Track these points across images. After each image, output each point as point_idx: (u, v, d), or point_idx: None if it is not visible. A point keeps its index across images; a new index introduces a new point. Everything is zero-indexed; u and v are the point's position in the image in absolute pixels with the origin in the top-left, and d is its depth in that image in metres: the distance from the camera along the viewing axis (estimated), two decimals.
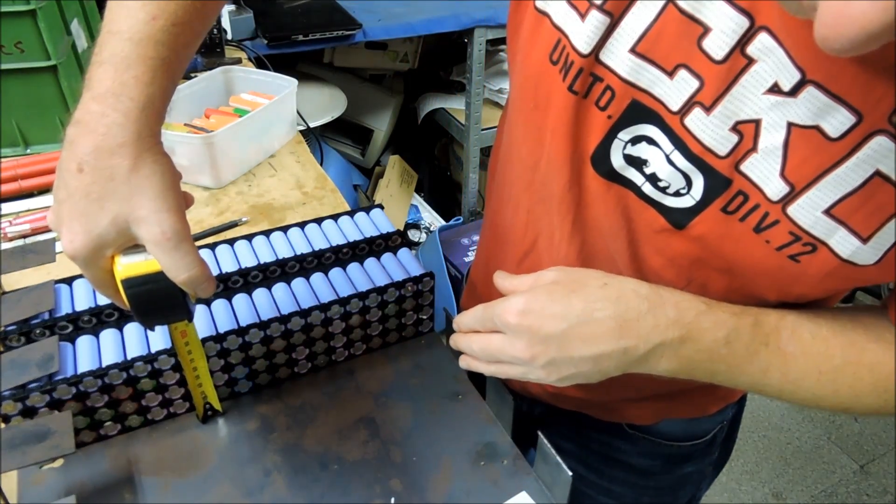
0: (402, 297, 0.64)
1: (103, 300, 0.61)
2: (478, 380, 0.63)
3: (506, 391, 0.58)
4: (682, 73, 0.41)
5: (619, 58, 0.42)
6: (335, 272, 0.67)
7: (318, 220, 0.74)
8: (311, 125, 1.46)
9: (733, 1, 0.37)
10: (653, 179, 0.45)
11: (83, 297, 0.62)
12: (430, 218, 2.10)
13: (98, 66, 0.41)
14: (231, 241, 0.70)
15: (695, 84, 0.40)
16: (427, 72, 2.08)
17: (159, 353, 0.55)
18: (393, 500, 0.53)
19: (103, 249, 0.42)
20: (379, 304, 0.63)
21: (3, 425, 0.52)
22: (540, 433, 0.53)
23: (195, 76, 1.10)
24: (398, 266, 0.68)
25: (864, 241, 0.40)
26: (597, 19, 0.41)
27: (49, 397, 0.52)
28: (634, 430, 0.68)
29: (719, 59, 0.39)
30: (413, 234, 2.03)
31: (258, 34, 1.50)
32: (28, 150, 0.98)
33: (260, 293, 0.64)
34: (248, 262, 0.67)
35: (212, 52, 1.29)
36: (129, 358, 0.55)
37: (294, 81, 1.06)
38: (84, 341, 0.58)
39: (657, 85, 0.42)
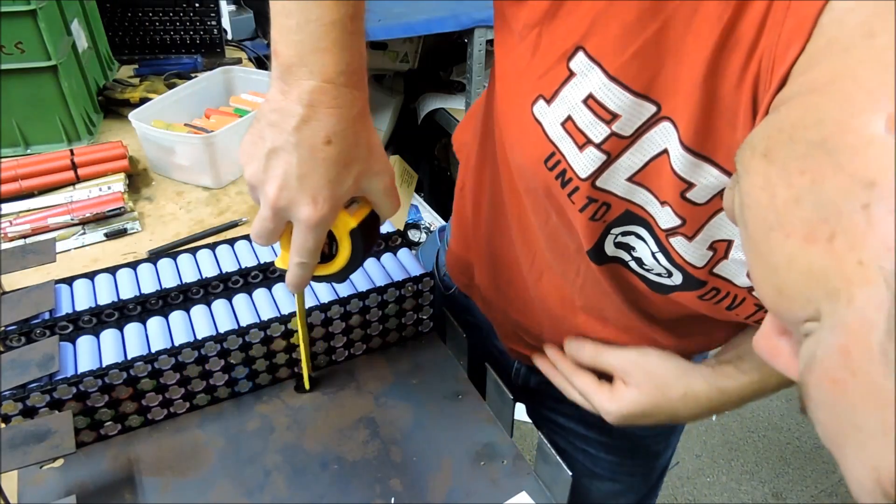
0: (402, 297, 0.64)
1: (103, 300, 0.61)
2: (478, 380, 0.63)
3: (506, 391, 0.58)
4: (668, 210, 0.43)
5: (615, 183, 0.44)
6: None
7: None
8: None
9: (718, 163, 0.40)
10: (638, 262, 0.49)
11: (83, 297, 0.62)
12: (430, 218, 2.10)
13: (322, 52, 0.43)
14: (231, 241, 0.70)
15: (677, 221, 0.43)
16: (427, 72, 2.08)
17: (159, 352, 0.55)
18: (393, 500, 0.53)
19: (339, 208, 0.46)
20: (379, 304, 0.63)
21: (3, 425, 0.52)
22: (540, 434, 0.53)
23: (195, 76, 1.10)
24: (398, 266, 0.68)
25: None
26: (594, 155, 0.43)
27: (49, 397, 0.52)
28: None
29: (701, 203, 0.42)
30: (413, 234, 2.03)
31: (258, 34, 1.50)
32: (28, 150, 0.98)
33: (260, 293, 0.64)
34: (249, 262, 0.67)
35: (212, 52, 1.30)
36: (129, 358, 0.55)
37: None
38: (84, 341, 0.58)
39: (650, 205, 0.45)
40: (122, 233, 0.84)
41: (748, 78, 0.35)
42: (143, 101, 1.04)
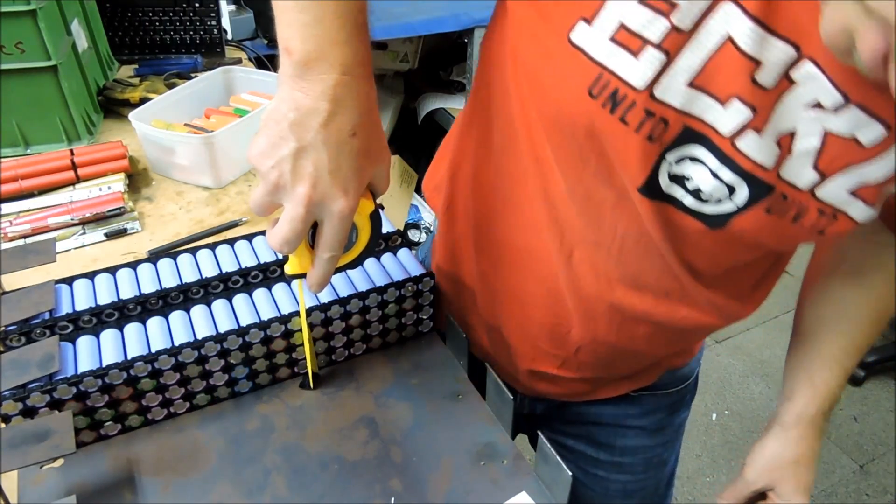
0: (402, 297, 0.64)
1: (103, 300, 0.61)
2: (478, 380, 0.63)
3: (506, 391, 0.58)
4: (736, 104, 0.42)
5: (674, 91, 0.43)
6: None
7: None
8: None
9: (783, 35, 0.40)
10: (695, 194, 0.48)
11: (83, 297, 0.62)
12: (430, 218, 2.10)
13: (341, 45, 0.44)
14: (231, 241, 0.70)
15: (747, 113, 0.42)
16: (427, 72, 2.08)
17: (159, 352, 0.55)
18: (393, 500, 0.53)
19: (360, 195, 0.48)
20: (379, 304, 0.63)
21: (3, 425, 0.52)
22: (540, 433, 0.53)
23: (195, 76, 1.10)
24: (398, 266, 0.68)
25: (875, 207, 0.46)
26: (653, 56, 0.42)
27: (49, 397, 0.52)
28: (638, 392, 0.73)
29: (770, 87, 0.42)
30: (413, 234, 2.03)
31: (258, 34, 1.50)
32: (28, 150, 0.98)
33: (260, 293, 0.64)
34: (249, 262, 0.67)
35: (212, 52, 1.30)
36: (129, 358, 0.55)
37: None
38: (84, 341, 0.58)
39: (709, 112, 0.44)
40: (122, 233, 0.84)
41: None
42: (143, 101, 1.04)
